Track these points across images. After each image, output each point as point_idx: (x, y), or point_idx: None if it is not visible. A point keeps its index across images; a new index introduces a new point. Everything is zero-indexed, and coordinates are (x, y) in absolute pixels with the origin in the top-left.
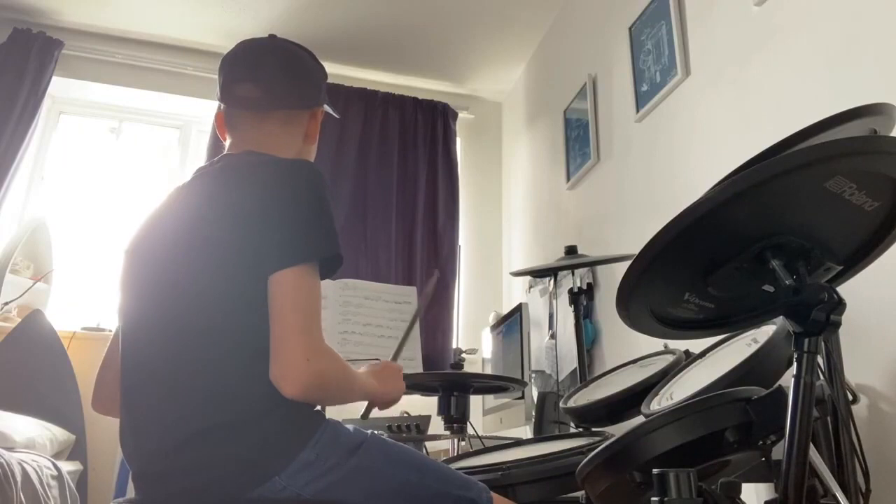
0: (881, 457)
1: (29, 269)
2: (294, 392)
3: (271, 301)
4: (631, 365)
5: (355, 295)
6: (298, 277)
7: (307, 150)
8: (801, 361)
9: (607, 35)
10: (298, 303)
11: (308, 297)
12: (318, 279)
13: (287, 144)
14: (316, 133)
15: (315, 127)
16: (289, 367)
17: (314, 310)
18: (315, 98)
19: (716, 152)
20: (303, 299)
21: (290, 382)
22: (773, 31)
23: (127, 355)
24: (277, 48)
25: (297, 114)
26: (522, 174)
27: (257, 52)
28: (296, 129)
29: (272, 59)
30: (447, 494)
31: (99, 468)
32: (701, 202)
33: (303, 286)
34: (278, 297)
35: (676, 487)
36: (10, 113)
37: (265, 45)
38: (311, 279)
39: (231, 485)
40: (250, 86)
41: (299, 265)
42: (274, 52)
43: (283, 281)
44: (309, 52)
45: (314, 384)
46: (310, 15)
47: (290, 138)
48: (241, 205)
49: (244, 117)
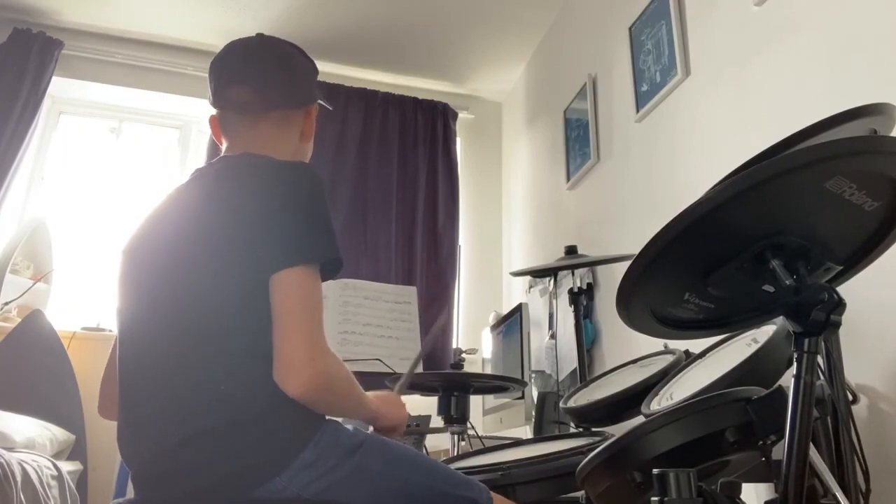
0: (881, 457)
1: (29, 269)
2: (298, 391)
3: (274, 301)
4: (631, 365)
5: (355, 295)
6: (300, 278)
7: (303, 148)
8: (801, 361)
9: (607, 35)
10: (301, 303)
11: (310, 297)
12: (319, 281)
13: (283, 144)
14: (311, 130)
15: (310, 124)
16: (293, 367)
17: (317, 311)
18: (308, 95)
19: (716, 152)
20: (305, 300)
21: (294, 382)
22: (773, 31)
23: (125, 357)
24: (267, 48)
25: (292, 113)
26: (522, 174)
27: (247, 53)
28: (291, 128)
29: (262, 59)
30: (448, 494)
31: (99, 468)
32: (701, 202)
33: (305, 287)
34: (281, 297)
35: (676, 487)
36: (10, 113)
37: (254, 44)
38: (313, 281)
39: (231, 486)
40: (242, 88)
41: (301, 266)
42: (263, 52)
43: (285, 281)
44: (298, 48)
45: (319, 384)
46: (309, 15)
47: (286, 138)
48: (240, 205)
49: (238, 120)
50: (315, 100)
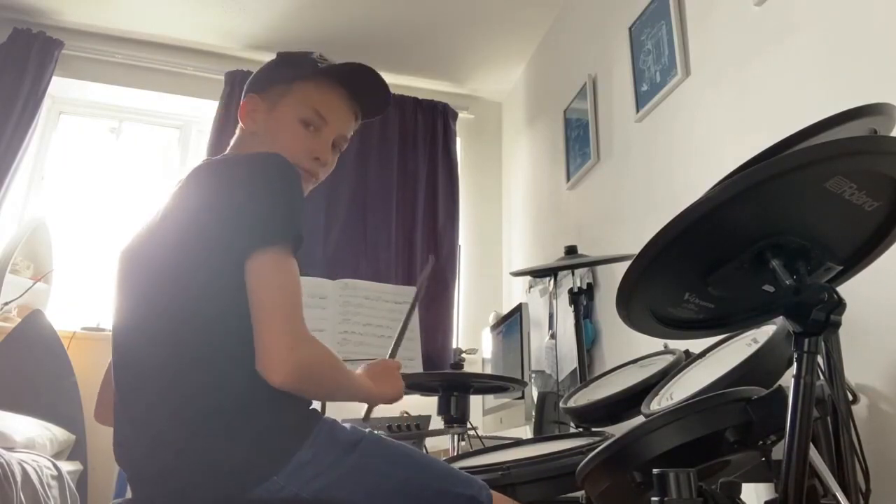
0: (881, 457)
1: (29, 269)
2: (281, 380)
3: (249, 290)
4: (631, 365)
5: (355, 295)
6: (271, 262)
7: (280, 140)
8: (801, 361)
9: (607, 35)
10: (276, 290)
11: (285, 282)
12: (292, 263)
13: (262, 141)
14: (283, 119)
15: (279, 112)
16: (272, 356)
17: (294, 295)
18: (285, 77)
19: (716, 152)
20: (280, 286)
21: (275, 371)
22: (773, 31)
23: (118, 360)
24: (272, 60)
25: (258, 97)
26: (522, 174)
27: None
28: (258, 113)
29: (262, 69)
30: (447, 492)
31: (99, 468)
32: (701, 202)
33: (277, 271)
34: (254, 284)
35: (676, 487)
36: (10, 113)
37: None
38: (285, 263)
39: (229, 485)
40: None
41: (270, 248)
42: (268, 63)
43: (256, 267)
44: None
45: (302, 373)
46: (310, 15)
47: (265, 133)
48: (210, 196)
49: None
50: (283, 81)
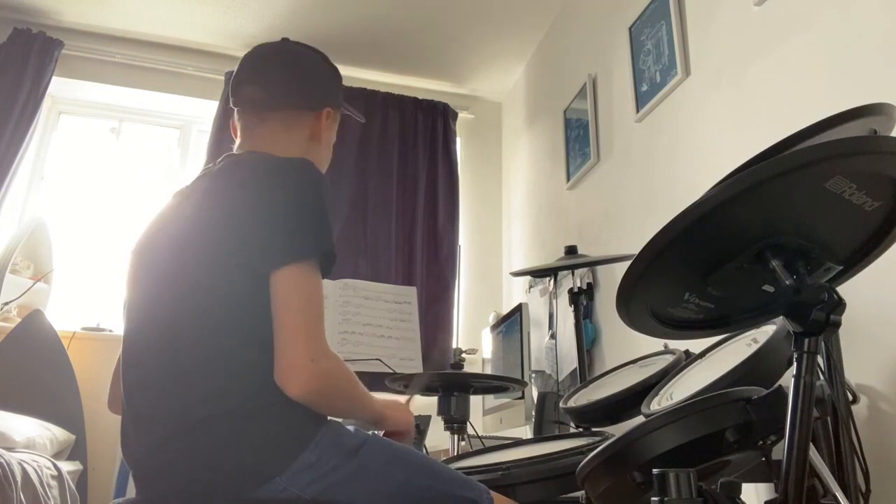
0: (881, 457)
1: (29, 269)
2: (299, 393)
3: (274, 301)
4: (631, 365)
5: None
6: (299, 276)
7: (314, 150)
8: (801, 361)
9: (607, 35)
10: (301, 303)
11: (310, 296)
12: (319, 278)
13: (288, 144)
14: (323, 134)
15: (320, 127)
16: (293, 368)
17: (318, 310)
18: (320, 99)
19: (716, 152)
20: (304, 299)
21: (294, 383)
22: (774, 31)
23: (128, 356)
24: (284, 51)
25: (300, 114)
26: (522, 174)
27: (265, 55)
28: (299, 129)
29: (276, 61)
30: (448, 495)
31: (99, 468)
32: (701, 202)
33: (304, 285)
34: (281, 296)
35: (676, 487)
36: (10, 113)
37: (274, 47)
38: (313, 277)
39: (231, 485)
40: (252, 88)
41: (299, 263)
42: (280, 54)
43: (284, 280)
44: (320, 54)
45: (320, 386)
46: (310, 15)
47: (292, 138)
48: (234, 202)
49: (249, 118)
50: (329, 105)
